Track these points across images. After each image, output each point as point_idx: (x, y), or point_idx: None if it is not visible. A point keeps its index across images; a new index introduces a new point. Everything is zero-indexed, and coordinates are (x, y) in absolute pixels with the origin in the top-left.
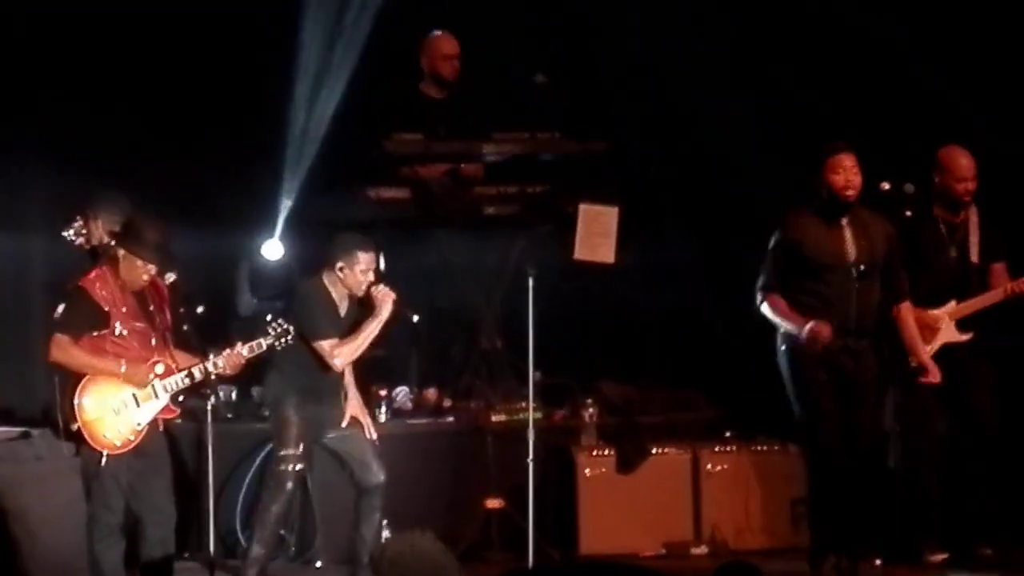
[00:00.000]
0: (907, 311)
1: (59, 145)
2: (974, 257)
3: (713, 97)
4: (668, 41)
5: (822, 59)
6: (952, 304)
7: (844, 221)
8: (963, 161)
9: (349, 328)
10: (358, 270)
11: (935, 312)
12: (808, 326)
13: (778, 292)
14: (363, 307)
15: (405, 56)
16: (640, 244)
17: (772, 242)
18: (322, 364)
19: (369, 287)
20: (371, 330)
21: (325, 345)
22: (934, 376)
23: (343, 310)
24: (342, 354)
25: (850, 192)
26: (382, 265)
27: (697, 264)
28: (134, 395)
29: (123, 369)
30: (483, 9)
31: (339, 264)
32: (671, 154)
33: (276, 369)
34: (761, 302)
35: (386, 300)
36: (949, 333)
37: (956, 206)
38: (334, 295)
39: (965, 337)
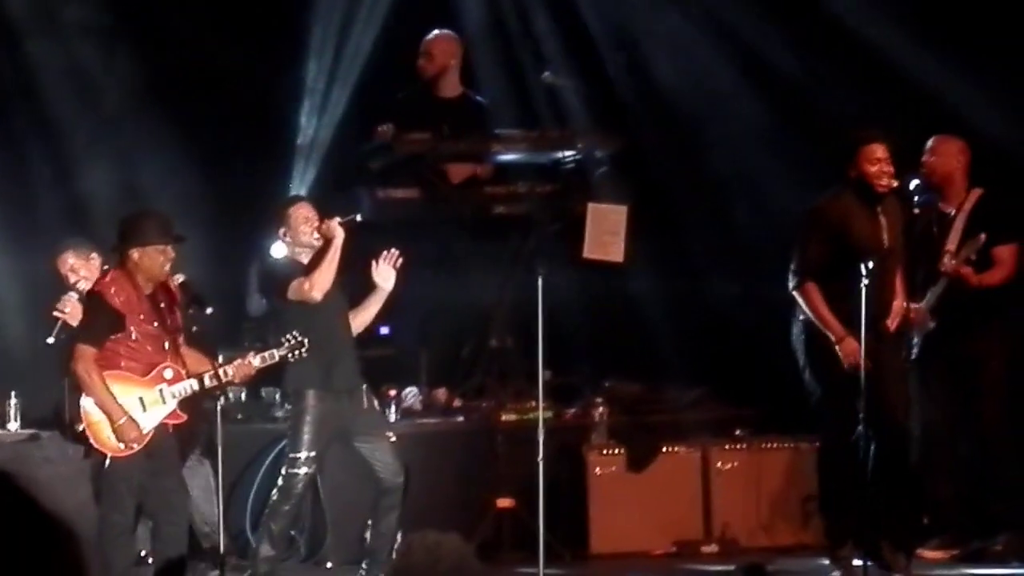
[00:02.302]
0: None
1: (64, 151)
2: (951, 245)
3: (723, 93)
4: (678, 39)
5: (829, 57)
6: (929, 294)
7: (879, 208)
8: (940, 146)
9: (343, 295)
10: (297, 224)
11: (915, 305)
12: (846, 344)
13: (814, 279)
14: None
15: (412, 56)
16: (650, 241)
17: (809, 224)
18: (335, 351)
19: (320, 231)
20: (330, 256)
21: (295, 285)
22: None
23: (307, 259)
24: (313, 283)
25: (884, 182)
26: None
27: (707, 262)
28: (140, 399)
29: (121, 422)
30: (493, 7)
31: (281, 230)
32: (680, 150)
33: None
34: (795, 287)
35: (333, 228)
36: (924, 322)
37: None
38: (301, 255)
39: (931, 325)
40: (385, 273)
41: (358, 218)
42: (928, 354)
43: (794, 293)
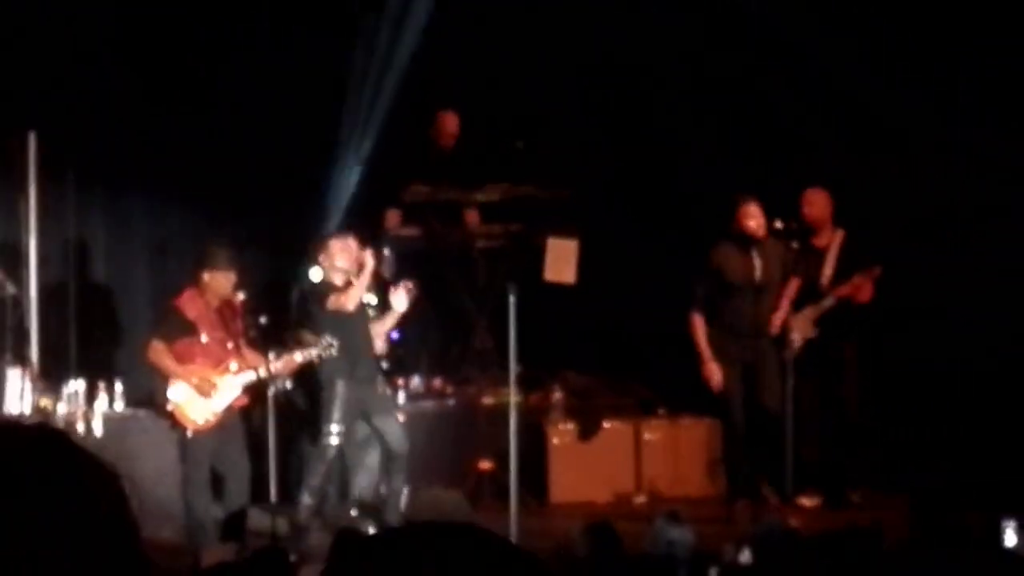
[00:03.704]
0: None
1: (159, 185)
2: (827, 271)
3: (664, 143)
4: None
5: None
6: (808, 309)
7: (754, 251)
8: (809, 197)
9: (366, 308)
10: (335, 252)
11: (795, 315)
12: (708, 368)
13: (701, 311)
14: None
15: (420, 121)
16: (596, 267)
17: (704, 269)
18: (359, 350)
19: (357, 261)
20: (363, 278)
21: (333, 298)
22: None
23: (341, 282)
24: (349, 296)
25: (760, 232)
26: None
27: (640, 283)
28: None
29: (195, 381)
30: (481, 87)
31: (321, 256)
32: (620, 198)
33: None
34: (690, 315)
35: (367, 258)
36: (805, 330)
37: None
38: (335, 278)
39: (813, 334)
40: (400, 298)
41: (385, 252)
42: (806, 353)
43: (689, 319)
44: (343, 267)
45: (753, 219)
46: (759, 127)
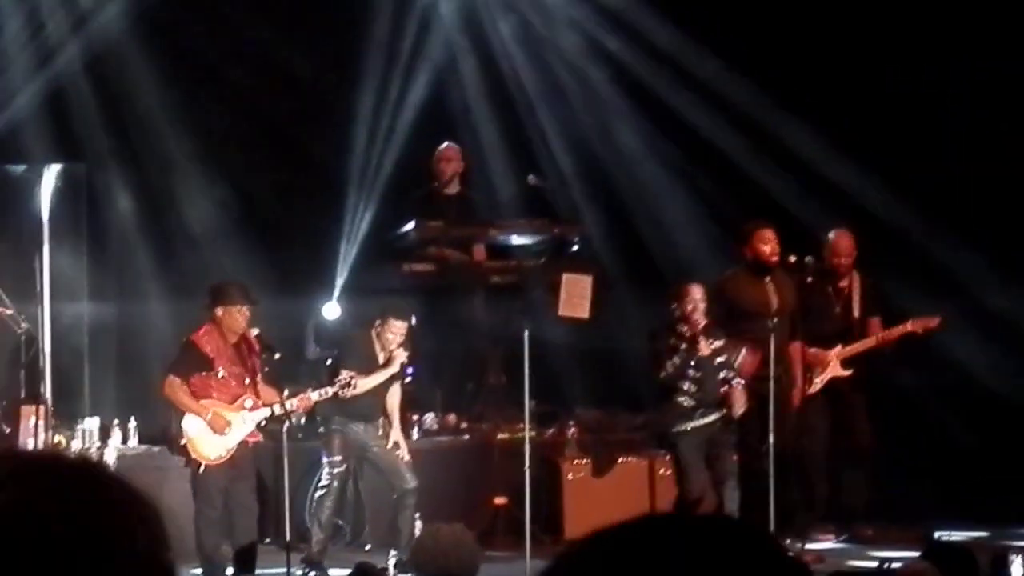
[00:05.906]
0: (796, 349)
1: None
2: (855, 312)
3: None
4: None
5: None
6: (838, 347)
7: (767, 279)
8: (844, 242)
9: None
10: (388, 331)
11: (826, 352)
12: None
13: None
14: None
15: (427, 162)
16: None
17: (713, 296)
18: (362, 394)
19: (394, 347)
20: (378, 376)
21: (344, 375)
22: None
23: (382, 359)
24: (357, 387)
25: (774, 258)
26: (413, 321)
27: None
28: (228, 422)
29: (208, 417)
30: (491, 123)
31: (377, 321)
32: (626, 231)
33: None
34: None
35: (396, 360)
36: (835, 369)
37: (838, 275)
38: (376, 346)
39: (847, 373)
40: (396, 360)
41: (410, 371)
42: (823, 391)
43: None
44: (386, 343)
45: (768, 244)
46: (776, 162)
